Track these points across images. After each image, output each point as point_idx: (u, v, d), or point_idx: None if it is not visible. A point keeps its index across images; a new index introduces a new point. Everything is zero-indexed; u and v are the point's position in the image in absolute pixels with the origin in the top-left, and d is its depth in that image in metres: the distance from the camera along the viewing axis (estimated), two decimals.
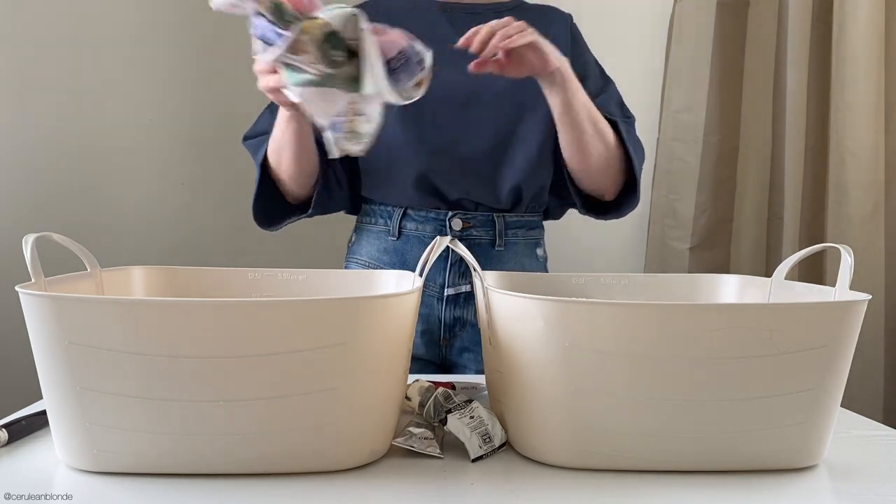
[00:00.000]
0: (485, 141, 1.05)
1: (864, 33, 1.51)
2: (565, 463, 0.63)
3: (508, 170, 1.06)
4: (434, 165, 1.04)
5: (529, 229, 1.12)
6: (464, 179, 1.05)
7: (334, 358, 0.57)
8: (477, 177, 1.05)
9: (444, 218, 1.06)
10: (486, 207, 1.07)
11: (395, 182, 1.06)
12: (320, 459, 0.60)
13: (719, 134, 1.60)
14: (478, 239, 1.07)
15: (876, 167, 1.54)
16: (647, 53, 1.76)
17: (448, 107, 1.04)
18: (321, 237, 1.55)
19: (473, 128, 1.05)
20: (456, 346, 1.08)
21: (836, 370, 0.61)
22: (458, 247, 0.73)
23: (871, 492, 0.59)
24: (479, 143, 1.05)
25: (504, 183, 1.06)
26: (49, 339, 0.56)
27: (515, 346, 0.63)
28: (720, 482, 0.60)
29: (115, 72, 1.62)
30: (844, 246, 0.66)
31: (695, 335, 0.57)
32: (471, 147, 1.05)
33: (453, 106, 1.04)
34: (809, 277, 1.57)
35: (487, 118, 1.05)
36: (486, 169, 1.05)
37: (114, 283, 0.77)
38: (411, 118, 1.03)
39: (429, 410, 0.70)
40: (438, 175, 1.04)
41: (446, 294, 1.05)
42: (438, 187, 1.05)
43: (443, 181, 1.04)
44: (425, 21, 1.06)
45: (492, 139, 1.05)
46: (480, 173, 1.05)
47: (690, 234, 1.61)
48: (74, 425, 0.58)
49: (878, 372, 1.55)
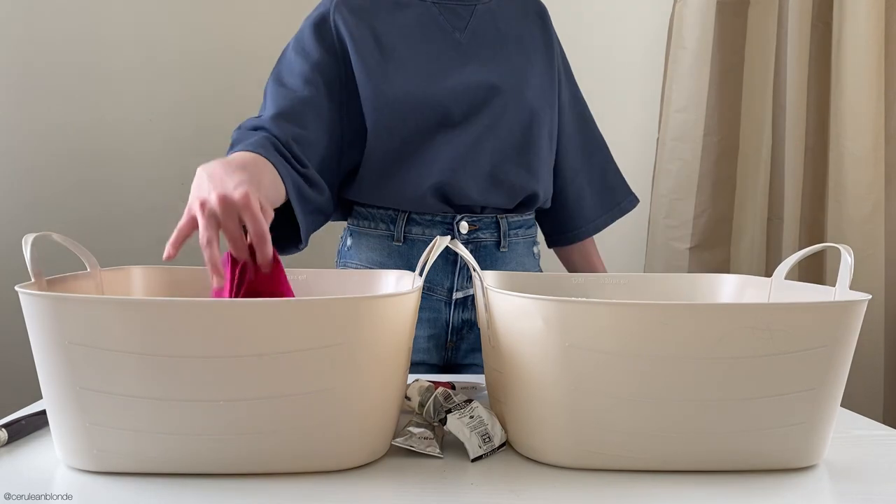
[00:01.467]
0: (503, 142, 1.03)
1: (864, 33, 1.51)
2: (565, 463, 0.63)
3: (525, 173, 1.05)
4: (455, 172, 1.01)
5: (527, 228, 1.12)
6: (483, 184, 1.02)
7: (334, 358, 0.57)
8: (494, 181, 1.03)
9: (451, 221, 1.04)
10: (491, 209, 1.06)
11: (405, 188, 1.02)
12: (320, 459, 0.60)
13: (719, 134, 1.60)
14: (484, 241, 1.06)
15: (876, 167, 1.54)
16: (647, 53, 1.76)
17: (467, 109, 1.01)
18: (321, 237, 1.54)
19: (492, 129, 1.03)
20: (462, 347, 1.08)
21: (836, 370, 0.61)
22: (457, 247, 0.73)
23: (871, 492, 0.59)
24: (500, 145, 1.03)
25: (520, 187, 1.05)
26: (49, 339, 0.56)
27: (515, 346, 0.63)
28: (720, 482, 0.60)
29: (115, 71, 1.62)
30: (844, 246, 0.66)
31: (695, 335, 0.57)
32: (491, 149, 1.02)
33: (472, 107, 1.02)
34: (809, 277, 1.57)
35: (504, 119, 1.03)
36: (504, 173, 1.03)
37: (114, 283, 0.77)
38: (433, 123, 1.00)
39: (428, 410, 0.70)
40: (460, 180, 1.01)
41: (455, 298, 1.05)
42: (455, 193, 1.01)
43: (462, 187, 1.01)
44: (415, 15, 1.06)
45: (510, 140, 1.04)
46: (497, 177, 1.03)
47: (690, 234, 1.61)
48: (74, 425, 0.58)
49: (878, 372, 1.55)
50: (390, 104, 0.99)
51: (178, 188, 1.64)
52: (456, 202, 1.03)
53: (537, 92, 1.07)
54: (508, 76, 1.04)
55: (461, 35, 1.05)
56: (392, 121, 1.00)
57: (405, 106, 0.99)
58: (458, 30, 1.06)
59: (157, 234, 1.66)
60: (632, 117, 1.78)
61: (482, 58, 1.05)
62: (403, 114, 1.00)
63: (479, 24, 1.07)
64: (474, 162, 1.01)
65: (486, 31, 1.07)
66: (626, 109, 1.78)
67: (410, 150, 1.01)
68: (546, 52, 1.12)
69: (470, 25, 1.06)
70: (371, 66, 1.00)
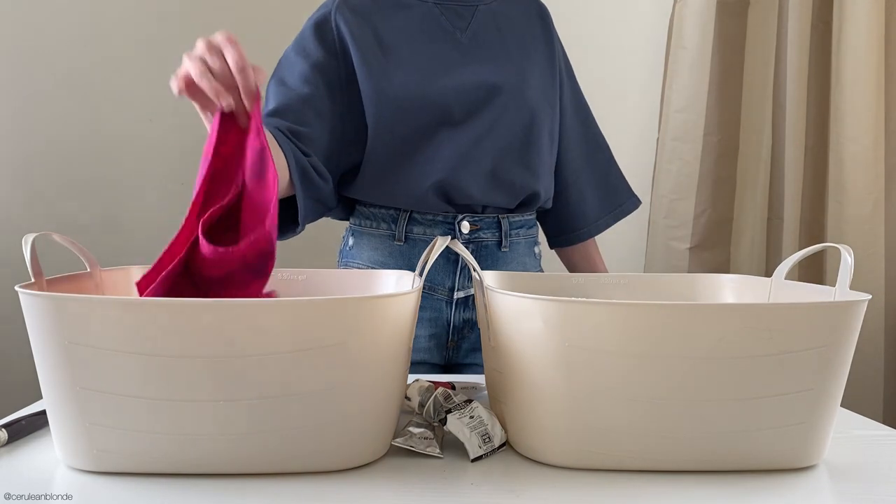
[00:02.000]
0: (504, 141, 1.03)
1: (864, 33, 1.51)
2: (565, 463, 0.63)
3: (526, 172, 1.05)
4: (456, 171, 1.01)
5: (528, 228, 1.12)
6: (484, 183, 1.03)
7: (334, 358, 0.57)
8: (495, 180, 1.03)
9: (452, 221, 1.04)
10: (493, 209, 1.06)
11: (406, 186, 1.02)
12: (320, 459, 0.60)
13: (719, 134, 1.60)
14: (485, 241, 1.06)
15: (876, 167, 1.54)
16: (647, 53, 1.76)
17: (468, 108, 1.02)
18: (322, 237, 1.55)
19: (493, 128, 1.03)
20: (464, 347, 1.08)
21: (836, 370, 0.61)
22: (457, 247, 0.73)
23: (871, 492, 0.59)
24: (501, 144, 1.03)
25: (521, 186, 1.05)
26: (49, 339, 0.56)
27: (515, 346, 0.63)
28: (720, 482, 0.60)
29: (115, 71, 1.62)
30: (844, 246, 0.66)
31: (695, 335, 0.57)
32: (492, 148, 1.03)
33: (474, 106, 1.02)
34: (809, 277, 1.57)
35: (505, 119, 1.03)
36: (505, 172, 1.04)
37: (114, 283, 0.77)
38: (434, 122, 1.01)
39: (428, 410, 0.70)
40: (461, 179, 1.01)
41: (456, 297, 1.05)
42: (457, 192, 1.02)
43: (463, 186, 1.01)
44: (417, 15, 1.06)
45: (511, 140, 1.04)
46: (499, 176, 1.03)
47: (690, 234, 1.61)
48: (74, 425, 0.58)
49: (878, 372, 1.55)
50: (391, 102, 0.99)
51: (178, 188, 1.64)
52: (457, 201, 1.03)
53: (538, 92, 1.07)
54: (509, 76, 1.04)
55: (462, 35, 1.06)
56: (393, 119, 1.00)
57: (406, 104, 1.00)
58: (460, 30, 1.06)
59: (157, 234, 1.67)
60: (632, 117, 1.78)
61: (483, 58, 1.05)
62: (404, 112, 1.00)
63: (481, 24, 1.07)
64: (475, 161, 1.02)
65: (488, 32, 1.07)
66: (626, 109, 1.79)
67: (411, 148, 1.01)
68: (547, 53, 1.12)
69: (471, 26, 1.07)
70: (372, 64, 1.00)
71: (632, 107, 1.79)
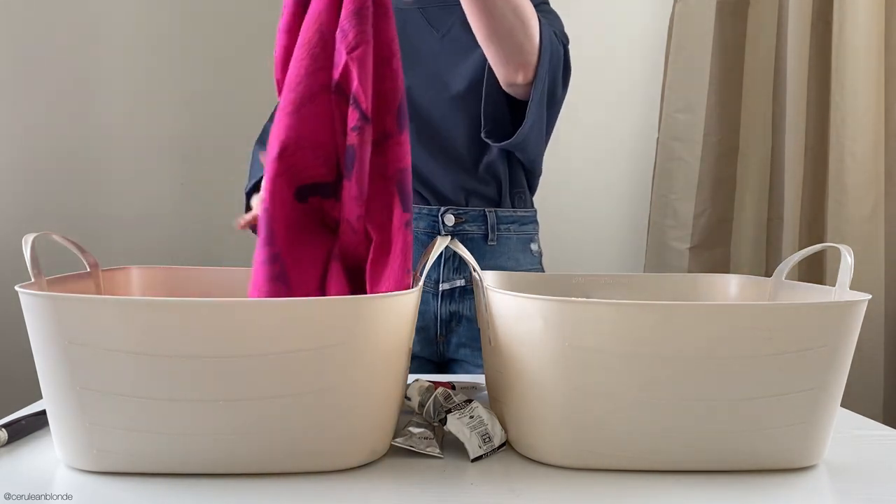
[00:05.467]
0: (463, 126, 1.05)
1: (864, 33, 1.51)
2: (565, 463, 0.63)
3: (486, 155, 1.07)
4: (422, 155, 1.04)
5: (522, 224, 1.12)
6: (448, 184, 1.06)
7: (334, 358, 0.57)
8: (459, 162, 1.06)
9: (436, 214, 1.06)
10: (477, 202, 1.07)
11: None
12: (320, 459, 0.60)
13: (719, 134, 1.60)
14: (470, 234, 1.07)
15: (876, 167, 1.54)
16: (647, 53, 1.76)
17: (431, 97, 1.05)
18: None
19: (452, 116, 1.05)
20: (453, 342, 1.09)
21: (836, 370, 0.61)
22: (457, 247, 0.73)
23: (871, 492, 0.59)
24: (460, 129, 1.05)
25: (484, 168, 1.07)
26: (49, 338, 0.56)
27: (515, 345, 0.63)
28: (720, 482, 0.60)
29: (114, 71, 1.62)
30: (844, 246, 0.67)
31: (695, 335, 0.57)
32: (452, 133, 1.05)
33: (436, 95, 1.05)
34: (809, 277, 1.57)
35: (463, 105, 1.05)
36: (467, 154, 1.06)
37: (113, 283, 0.77)
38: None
39: (428, 410, 0.70)
40: (426, 165, 1.04)
41: (441, 289, 1.06)
42: (427, 178, 1.05)
43: (430, 170, 1.05)
44: (399, 17, 1.06)
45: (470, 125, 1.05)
46: (461, 158, 1.06)
47: (690, 234, 1.61)
48: (74, 425, 0.58)
49: (878, 372, 1.55)
50: None
51: (178, 188, 1.64)
52: (438, 191, 1.06)
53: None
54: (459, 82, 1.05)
55: (443, 39, 1.07)
56: None
57: None
58: (443, 33, 1.07)
59: (157, 234, 1.67)
60: (632, 117, 1.78)
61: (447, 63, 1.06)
62: None
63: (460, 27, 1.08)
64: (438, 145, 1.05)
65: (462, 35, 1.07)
66: (626, 109, 1.79)
67: None
68: None
69: (452, 29, 1.07)
70: None
71: (632, 107, 1.79)
